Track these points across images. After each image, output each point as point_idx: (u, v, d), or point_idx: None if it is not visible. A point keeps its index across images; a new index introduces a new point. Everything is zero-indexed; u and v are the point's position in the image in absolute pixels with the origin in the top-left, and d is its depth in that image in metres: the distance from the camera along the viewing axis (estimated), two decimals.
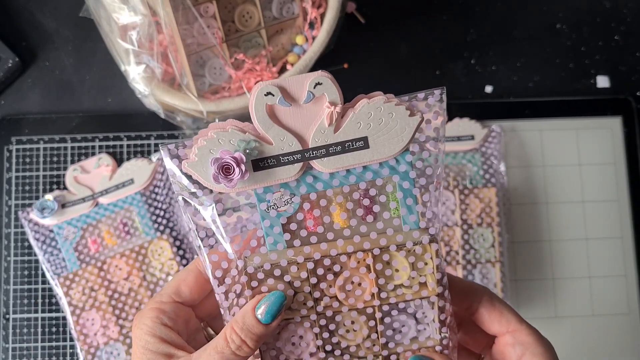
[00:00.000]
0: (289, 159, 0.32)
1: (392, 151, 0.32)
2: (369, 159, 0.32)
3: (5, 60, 0.66)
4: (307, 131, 0.32)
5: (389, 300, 0.34)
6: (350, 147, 0.32)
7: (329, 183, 0.33)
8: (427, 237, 0.33)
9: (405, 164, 0.32)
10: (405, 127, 0.32)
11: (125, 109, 0.67)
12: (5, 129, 0.66)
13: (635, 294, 0.65)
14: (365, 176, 0.32)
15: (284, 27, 0.61)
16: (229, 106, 0.58)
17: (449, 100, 0.66)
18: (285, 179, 0.32)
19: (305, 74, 0.31)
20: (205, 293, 0.35)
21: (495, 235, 0.62)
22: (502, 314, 0.34)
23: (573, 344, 0.64)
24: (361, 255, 0.33)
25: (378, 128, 0.32)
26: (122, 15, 0.54)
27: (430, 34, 0.69)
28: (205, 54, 0.59)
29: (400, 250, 0.33)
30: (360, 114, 0.32)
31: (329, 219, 0.33)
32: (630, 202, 0.66)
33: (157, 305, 0.34)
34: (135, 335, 0.33)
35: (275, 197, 0.32)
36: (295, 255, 0.32)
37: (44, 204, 0.61)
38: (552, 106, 0.67)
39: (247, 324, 0.31)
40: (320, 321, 0.34)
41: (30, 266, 0.64)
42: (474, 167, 0.64)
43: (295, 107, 0.31)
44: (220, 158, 0.31)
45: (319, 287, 0.33)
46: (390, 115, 0.32)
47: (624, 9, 0.70)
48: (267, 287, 0.33)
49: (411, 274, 0.33)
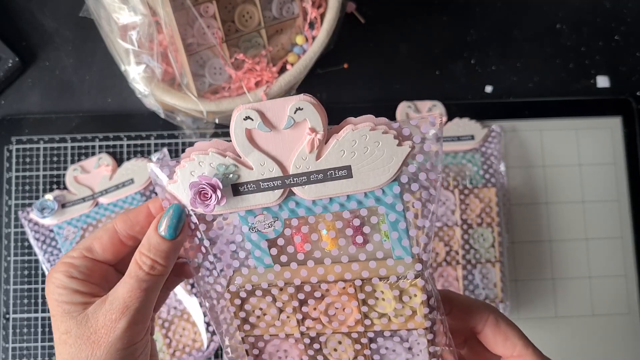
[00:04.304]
0: (269, 184, 0.31)
1: (377, 182, 0.30)
2: (353, 189, 0.30)
3: (5, 60, 0.66)
4: (287, 157, 0.30)
5: (373, 327, 0.33)
6: (332, 176, 0.30)
7: (312, 209, 0.31)
8: (413, 273, 0.31)
9: (392, 195, 0.30)
10: (392, 156, 0.29)
11: (125, 109, 0.67)
12: (5, 129, 0.66)
13: (635, 294, 0.65)
14: (349, 205, 0.31)
15: (284, 27, 0.61)
16: (229, 106, 0.58)
17: (449, 101, 0.66)
18: (265, 204, 0.31)
19: (286, 98, 0.30)
20: (121, 254, 0.34)
21: (495, 235, 0.62)
22: (507, 337, 0.34)
23: (573, 344, 0.64)
24: (342, 285, 0.32)
25: (363, 157, 0.30)
26: (122, 15, 0.54)
27: (430, 34, 0.69)
28: (205, 54, 0.59)
29: (384, 282, 0.31)
30: (344, 141, 0.30)
31: (311, 246, 0.32)
32: (630, 202, 0.66)
33: (68, 260, 0.33)
34: (49, 291, 0.32)
35: (258, 220, 0.32)
36: (276, 279, 0.32)
37: (44, 203, 0.61)
38: (552, 106, 0.67)
39: (153, 244, 0.31)
40: (305, 340, 0.34)
41: (30, 266, 0.64)
42: (474, 167, 0.64)
43: (276, 132, 0.30)
44: (197, 183, 0.30)
45: (301, 310, 0.33)
46: (376, 144, 0.29)
47: (624, 9, 0.70)
48: (250, 305, 0.33)
49: (396, 306, 0.32)
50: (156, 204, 0.33)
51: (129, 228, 0.33)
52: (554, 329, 0.64)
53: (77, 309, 0.31)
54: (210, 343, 0.62)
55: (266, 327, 0.34)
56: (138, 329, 0.31)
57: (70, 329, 0.31)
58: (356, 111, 0.32)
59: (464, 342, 0.37)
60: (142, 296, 0.31)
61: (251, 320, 0.34)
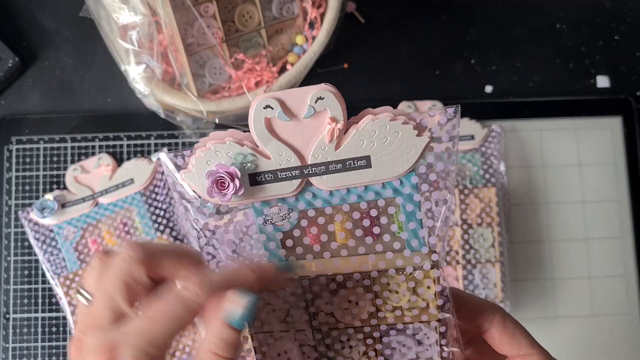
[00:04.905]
0: (286, 174, 0.30)
1: (396, 172, 0.30)
2: (371, 179, 0.30)
3: (5, 60, 0.66)
4: (306, 147, 0.30)
5: (387, 320, 0.32)
6: (351, 166, 0.30)
7: (329, 201, 0.31)
8: (429, 263, 0.31)
9: (410, 185, 0.30)
10: (411, 147, 0.29)
11: (125, 109, 0.67)
12: (5, 129, 0.66)
13: (635, 294, 0.65)
14: (367, 196, 0.31)
15: (284, 27, 0.61)
16: (229, 106, 0.58)
17: (449, 101, 0.66)
18: (282, 195, 0.31)
19: (307, 87, 0.29)
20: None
21: (495, 235, 0.62)
22: (514, 336, 0.33)
23: (573, 344, 0.63)
24: (358, 277, 0.31)
25: (382, 147, 0.30)
26: (122, 15, 0.54)
27: (430, 34, 0.69)
28: (205, 53, 0.59)
29: (399, 274, 0.31)
30: (364, 131, 0.30)
31: (327, 237, 0.32)
32: (630, 202, 0.66)
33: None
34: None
35: (273, 212, 0.31)
36: (290, 272, 0.32)
37: (44, 203, 0.61)
38: (552, 106, 0.67)
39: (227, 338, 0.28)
40: (316, 335, 0.33)
41: (30, 266, 0.64)
42: (474, 167, 0.64)
43: (295, 121, 0.30)
44: (215, 172, 0.29)
45: (315, 304, 0.32)
46: (395, 134, 0.29)
47: (624, 8, 0.70)
48: (261, 300, 0.32)
49: (411, 298, 0.32)
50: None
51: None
52: (554, 329, 0.64)
53: None
54: None
55: (277, 324, 0.34)
56: None
57: None
58: (356, 111, 0.31)
59: (469, 342, 0.37)
60: None
61: (261, 315, 0.33)
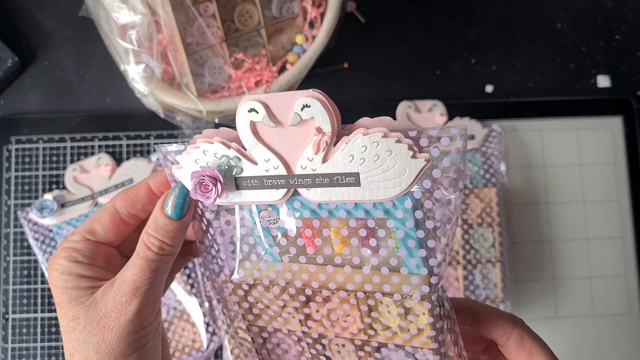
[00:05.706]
0: (272, 182, 0.29)
1: (387, 194, 0.27)
2: (360, 198, 0.27)
3: (5, 60, 0.66)
4: (293, 156, 0.28)
5: (377, 338, 0.31)
6: (339, 182, 0.27)
7: (317, 212, 0.29)
8: (419, 295, 0.28)
9: (403, 210, 0.27)
10: (405, 169, 0.26)
11: (125, 109, 0.67)
12: (5, 129, 0.66)
13: (635, 294, 0.65)
14: (356, 214, 0.28)
15: (284, 27, 0.61)
16: (229, 106, 0.58)
17: (449, 100, 0.66)
18: (269, 202, 0.29)
19: (294, 92, 0.27)
20: (123, 234, 0.33)
21: (496, 235, 0.62)
22: (532, 354, 0.32)
23: (573, 344, 0.63)
24: (345, 295, 0.30)
25: (372, 165, 0.27)
26: (122, 15, 0.54)
27: (430, 34, 0.69)
28: (205, 53, 0.59)
29: (388, 297, 0.29)
30: (354, 146, 0.27)
31: (321, 242, 0.30)
32: (630, 202, 0.66)
33: (69, 244, 0.32)
34: (52, 278, 0.31)
35: (262, 215, 0.30)
36: (278, 278, 0.31)
37: (44, 203, 0.61)
38: (553, 106, 0.67)
39: (160, 224, 0.31)
40: (307, 339, 0.33)
41: (29, 266, 0.64)
42: (474, 167, 0.64)
43: (282, 128, 0.28)
44: (199, 174, 0.29)
45: (303, 311, 0.32)
46: (388, 153, 0.26)
47: (625, 8, 0.70)
48: (252, 297, 0.32)
49: (400, 323, 0.29)
50: (155, 180, 0.32)
51: (129, 206, 0.32)
52: (554, 329, 0.64)
53: (84, 294, 0.30)
54: (210, 343, 0.61)
55: (270, 320, 0.33)
56: (149, 311, 0.30)
57: (78, 315, 0.30)
58: (356, 111, 0.31)
59: (485, 349, 0.35)
60: (152, 277, 0.30)
61: (255, 311, 0.33)
